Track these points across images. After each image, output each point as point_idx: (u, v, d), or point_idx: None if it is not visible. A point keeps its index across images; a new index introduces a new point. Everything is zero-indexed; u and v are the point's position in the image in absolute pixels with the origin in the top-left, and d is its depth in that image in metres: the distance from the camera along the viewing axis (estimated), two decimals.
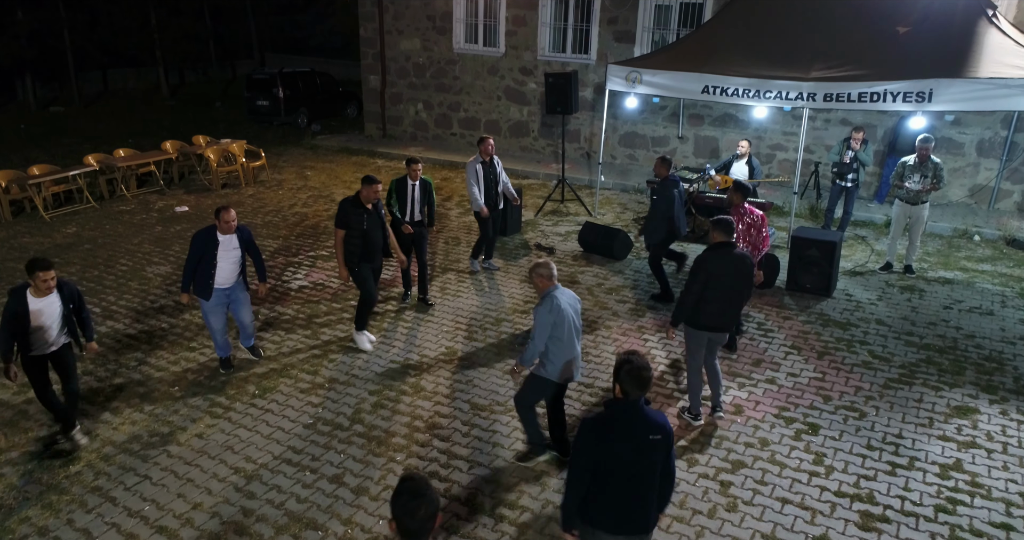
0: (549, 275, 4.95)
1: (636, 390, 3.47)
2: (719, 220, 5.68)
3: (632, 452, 3.47)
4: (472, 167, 8.59)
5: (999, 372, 6.75)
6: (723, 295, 5.60)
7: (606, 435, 3.46)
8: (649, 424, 3.49)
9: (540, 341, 4.92)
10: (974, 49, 8.43)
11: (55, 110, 22.97)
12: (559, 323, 4.89)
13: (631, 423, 3.48)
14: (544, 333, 4.89)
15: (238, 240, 6.43)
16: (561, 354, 4.99)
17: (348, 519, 4.85)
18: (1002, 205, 11.56)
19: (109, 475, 5.30)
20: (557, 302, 4.89)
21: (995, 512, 4.92)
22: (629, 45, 13.76)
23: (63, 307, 5.53)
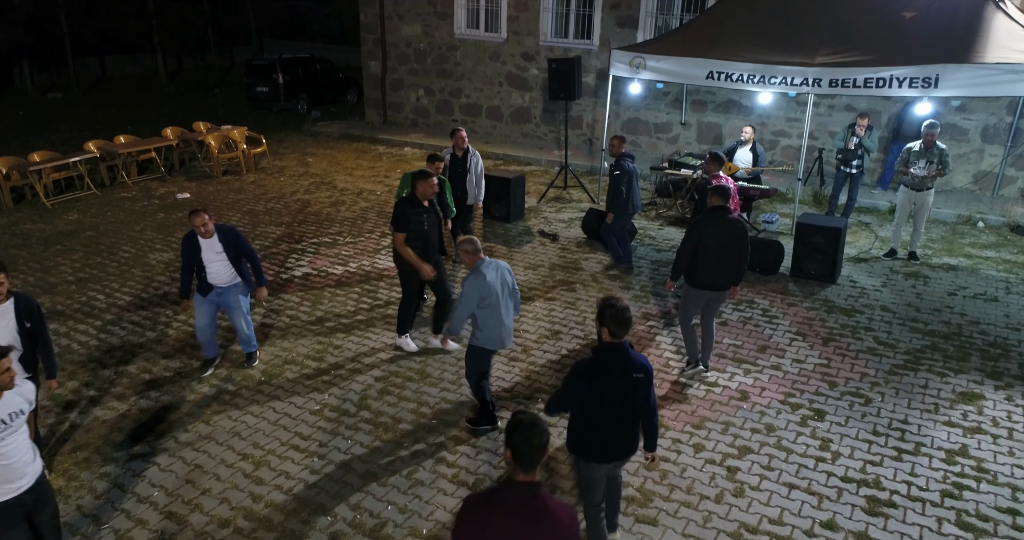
0: (475, 250, 5.24)
1: (620, 330, 3.86)
2: (717, 187, 6.19)
3: (619, 388, 3.89)
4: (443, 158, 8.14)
5: (1004, 358, 6.76)
6: (718, 255, 6.02)
7: (597, 374, 3.87)
8: (634, 364, 3.91)
9: (464, 312, 5.23)
10: (981, 34, 8.39)
11: (53, 97, 22.84)
12: (487, 295, 5.18)
13: (618, 362, 3.89)
14: (469, 305, 5.19)
15: (221, 244, 6.00)
16: (492, 323, 5.27)
17: (357, 504, 4.86)
18: (1006, 191, 11.53)
19: (117, 461, 5.31)
20: (483, 275, 5.18)
21: (1001, 497, 4.94)
22: (632, 30, 13.67)
23: (16, 324, 4.54)
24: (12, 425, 3.60)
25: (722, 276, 6.09)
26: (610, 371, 3.88)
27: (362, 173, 13.25)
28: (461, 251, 5.29)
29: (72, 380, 6.38)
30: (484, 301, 5.19)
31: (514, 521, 2.76)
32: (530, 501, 2.79)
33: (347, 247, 9.53)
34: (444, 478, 5.12)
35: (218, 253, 6.01)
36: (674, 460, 5.31)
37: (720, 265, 6.05)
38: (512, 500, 2.79)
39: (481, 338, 5.36)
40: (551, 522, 2.76)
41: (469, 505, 2.85)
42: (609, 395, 3.89)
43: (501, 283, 5.26)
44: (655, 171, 11.25)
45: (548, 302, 7.92)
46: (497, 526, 2.75)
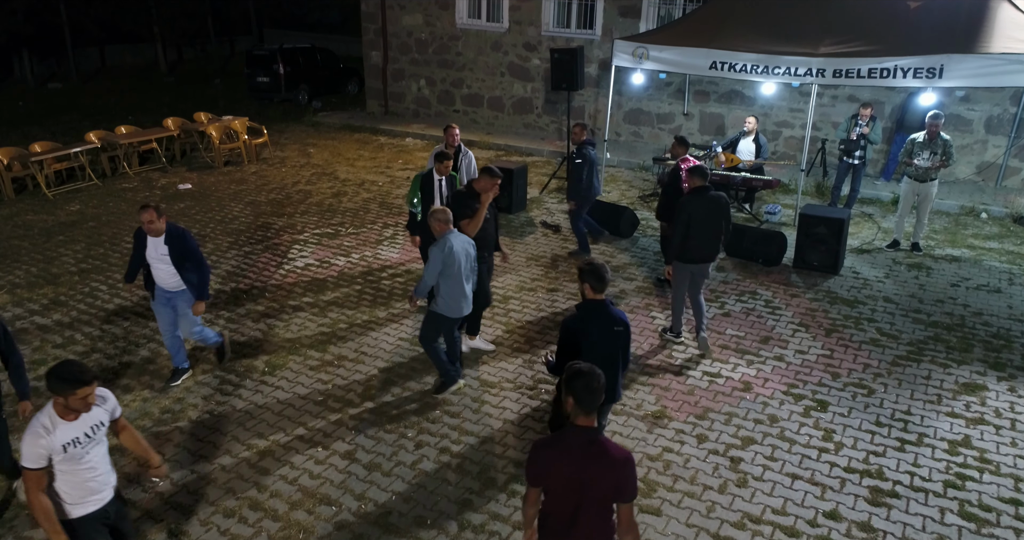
0: (446, 220, 5.54)
1: (599, 285, 4.28)
2: (695, 168, 6.61)
3: (601, 340, 4.28)
4: (431, 155, 7.49)
5: (1007, 349, 6.76)
6: (703, 231, 6.44)
7: (582, 328, 4.28)
8: (614, 318, 4.32)
9: (431, 277, 5.51)
10: (986, 24, 8.33)
11: (53, 87, 22.77)
12: (450, 263, 5.47)
13: (600, 316, 4.29)
14: (435, 270, 5.48)
15: (167, 247, 5.58)
16: (452, 291, 5.57)
17: (361, 494, 4.88)
18: (1010, 182, 11.51)
19: (121, 451, 5.32)
20: (450, 244, 5.45)
21: (1004, 487, 4.96)
22: (634, 20, 13.60)
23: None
24: (95, 437, 3.55)
25: (709, 249, 6.55)
26: (594, 324, 4.29)
27: (364, 164, 13.22)
28: (433, 220, 5.54)
29: None
30: (448, 270, 5.48)
31: (577, 462, 3.01)
32: (591, 444, 3.04)
33: (349, 238, 9.52)
34: (449, 468, 5.14)
35: (162, 255, 5.62)
36: (677, 450, 5.33)
37: (707, 240, 6.50)
38: (575, 442, 3.04)
39: (442, 306, 5.64)
40: (610, 464, 3.01)
41: (535, 449, 3.12)
42: (593, 346, 4.24)
43: (465, 255, 5.57)
44: (657, 162, 11.23)
45: (551, 293, 7.92)
46: (561, 466, 3.03)
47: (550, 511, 3.16)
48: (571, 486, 3.03)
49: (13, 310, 7.49)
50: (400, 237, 9.53)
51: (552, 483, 3.08)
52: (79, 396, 3.35)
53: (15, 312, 7.46)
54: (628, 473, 3.03)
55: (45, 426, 3.39)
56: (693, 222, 6.38)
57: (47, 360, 6.55)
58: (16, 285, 8.07)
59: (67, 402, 3.37)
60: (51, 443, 3.38)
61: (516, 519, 4.66)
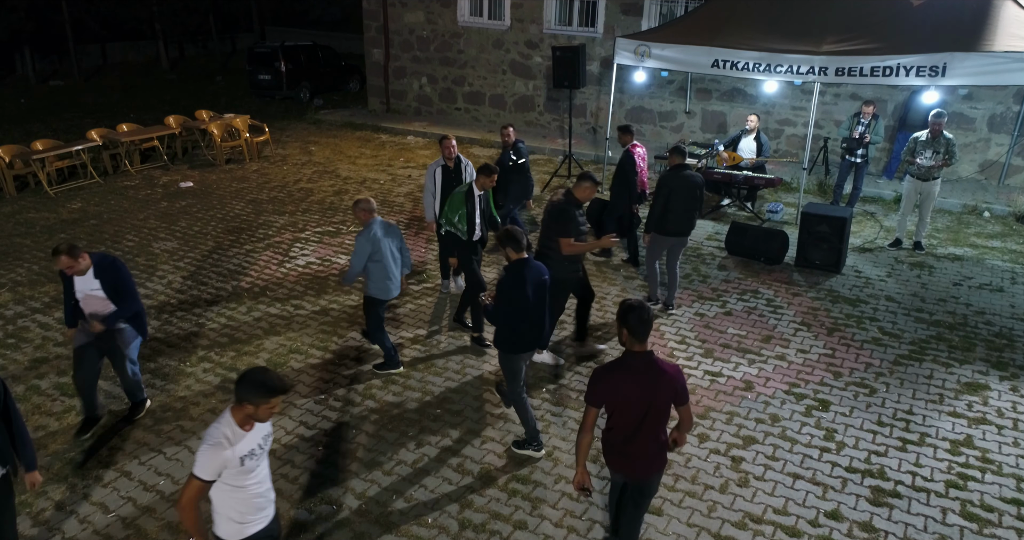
0: (370, 209, 5.87)
1: (518, 246, 4.92)
2: (676, 147, 7.21)
3: (534, 292, 4.91)
4: (430, 172, 7.31)
5: (1009, 348, 6.75)
6: (681, 205, 6.97)
7: (518, 284, 4.87)
8: (539, 270, 4.98)
9: (358, 263, 5.82)
10: (989, 22, 8.30)
11: (55, 84, 22.76)
12: (377, 249, 5.81)
13: (529, 272, 4.91)
14: (362, 256, 5.79)
15: (99, 281, 5.08)
16: (380, 274, 5.91)
17: (362, 493, 4.88)
18: (1013, 181, 11.47)
19: (123, 449, 5.33)
20: (375, 231, 5.80)
21: (1006, 487, 4.95)
22: (636, 18, 13.57)
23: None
24: (265, 449, 3.35)
25: (686, 223, 7.07)
26: (525, 279, 4.88)
27: (365, 162, 13.21)
28: (358, 209, 5.86)
29: None
30: (375, 255, 5.83)
31: (640, 380, 3.63)
32: (649, 365, 3.66)
33: (350, 236, 9.51)
34: (449, 467, 5.14)
35: (93, 290, 5.10)
36: (678, 450, 5.32)
37: (685, 214, 7.00)
38: (636, 366, 3.65)
39: (372, 288, 5.97)
40: (667, 377, 3.66)
41: (600, 373, 3.70)
42: (525, 299, 4.90)
43: (389, 239, 5.94)
44: (659, 160, 11.20)
45: None
46: (628, 385, 3.63)
47: (614, 426, 3.75)
48: (641, 400, 3.63)
49: (15, 308, 7.50)
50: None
51: (620, 401, 3.65)
52: (271, 405, 3.16)
53: (17, 310, 7.46)
54: (682, 381, 3.73)
55: (227, 437, 3.16)
56: (672, 196, 6.93)
57: (48, 358, 6.55)
58: (18, 283, 8.07)
59: (257, 412, 3.16)
60: (232, 455, 3.16)
61: (517, 518, 4.66)
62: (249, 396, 3.14)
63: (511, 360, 5.09)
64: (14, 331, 7.05)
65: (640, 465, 3.81)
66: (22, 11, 21.94)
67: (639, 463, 3.80)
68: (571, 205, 5.96)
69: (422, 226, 9.71)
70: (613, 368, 3.69)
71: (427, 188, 7.44)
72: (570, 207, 5.94)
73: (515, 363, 5.09)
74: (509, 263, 4.97)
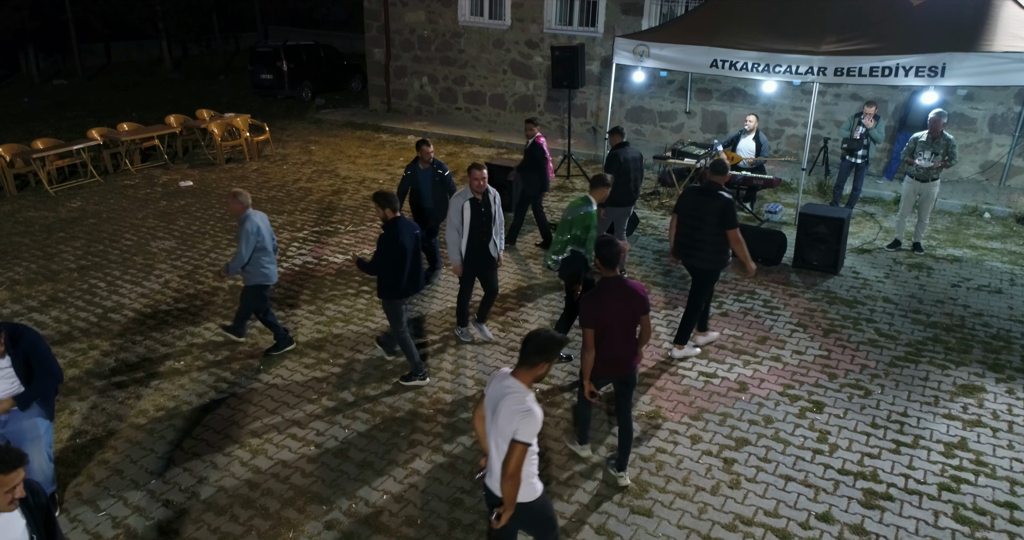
0: (246, 202, 6.12)
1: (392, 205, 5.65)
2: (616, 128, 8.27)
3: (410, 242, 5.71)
4: (456, 207, 6.33)
5: (1006, 351, 6.71)
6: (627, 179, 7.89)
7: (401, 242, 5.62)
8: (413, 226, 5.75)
9: (246, 253, 6.05)
10: (989, 22, 8.26)
11: (58, 83, 22.82)
12: (260, 238, 6.11)
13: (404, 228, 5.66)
14: (249, 246, 6.04)
15: (10, 358, 4.21)
16: (264, 261, 6.20)
17: (352, 493, 4.87)
18: (1013, 182, 11.42)
19: (116, 448, 5.34)
20: (254, 221, 6.09)
21: (999, 491, 4.92)
22: (637, 17, 13.54)
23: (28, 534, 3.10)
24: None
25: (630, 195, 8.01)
26: (401, 233, 5.58)
27: (365, 161, 13.21)
28: (235, 202, 6.05)
29: (72, 368, 6.40)
30: (259, 243, 6.12)
31: (618, 295, 4.62)
32: (621, 283, 4.67)
33: (348, 236, 9.52)
34: (441, 467, 5.13)
35: (3, 370, 4.24)
36: (671, 451, 5.31)
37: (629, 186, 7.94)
38: (612, 286, 4.64)
39: (258, 276, 6.23)
40: (637, 293, 4.66)
41: (589, 300, 4.63)
42: (404, 250, 5.60)
43: (267, 228, 6.21)
44: (658, 160, 11.18)
45: (547, 291, 7.90)
46: (610, 301, 4.60)
47: (602, 336, 4.61)
48: (621, 314, 4.61)
49: (11, 306, 7.52)
50: None
51: (607, 317, 4.57)
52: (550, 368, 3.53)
53: (13, 308, 7.48)
54: (645, 296, 4.70)
55: (533, 400, 3.37)
56: (621, 171, 7.69)
57: None
58: (15, 281, 8.10)
59: (545, 371, 3.48)
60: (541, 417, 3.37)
61: None
62: (547, 357, 3.42)
63: (395, 305, 5.88)
64: None
65: (625, 364, 4.78)
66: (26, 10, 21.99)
67: (623, 363, 4.77)
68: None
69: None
70: (597, 292, 4.65)
71: (451, 223, 6.36)
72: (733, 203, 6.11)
73: (397, 307, 5.90)
74: (387, 221, 5.66)
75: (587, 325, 4.59)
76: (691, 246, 6.22)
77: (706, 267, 6.22)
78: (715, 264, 6.20)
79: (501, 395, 3.39)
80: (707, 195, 6.07)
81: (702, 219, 6.08)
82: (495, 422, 3.38)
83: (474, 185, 6.22)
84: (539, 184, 8.90)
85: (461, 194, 6.33)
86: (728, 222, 5.98)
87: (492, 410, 3.43)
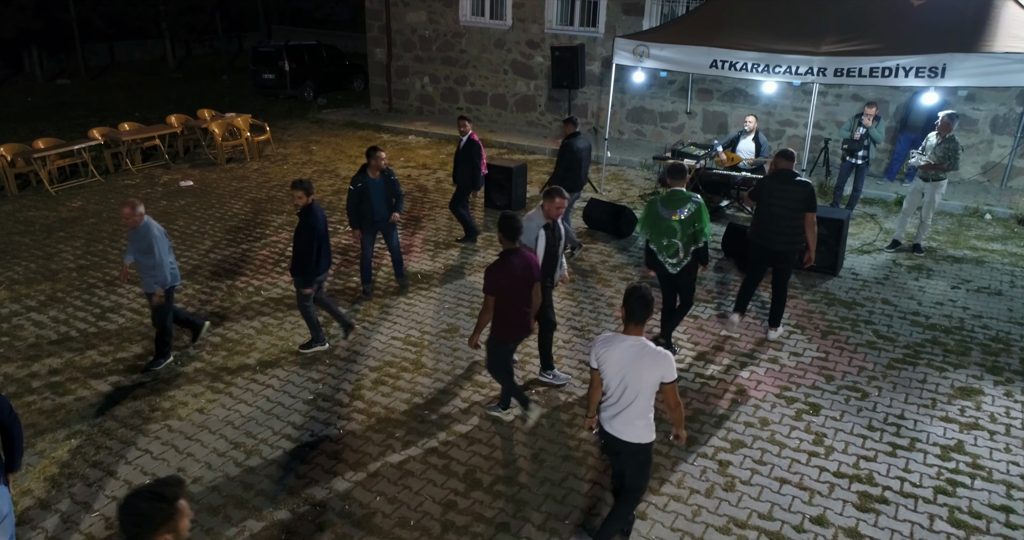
0: (142, 213, 6.14)
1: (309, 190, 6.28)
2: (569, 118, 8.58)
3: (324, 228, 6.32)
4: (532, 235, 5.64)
5: (1005, 353, 6.68)
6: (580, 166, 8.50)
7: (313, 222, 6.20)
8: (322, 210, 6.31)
9: (165, 258, 6.15)
10: (990, 23, 8.23)
11: (61, 83, 22.90)
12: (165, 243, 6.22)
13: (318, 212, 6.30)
14: (166, 251, 6.17)
15: None
16: (171, 264, 6.27)
17: (346, 494, 4.87)
18: (1015, 183, 11.37)
19: (110, 449, 5.34)
20: (158, 227, 6.20)
21: (995, 494, 4.89)
22: (638, 18, 13.53)
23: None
24: None
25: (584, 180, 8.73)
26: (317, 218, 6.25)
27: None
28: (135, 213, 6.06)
29: (69, 367, 6.42)
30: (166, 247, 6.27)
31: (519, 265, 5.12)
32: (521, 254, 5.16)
33: (347, 236, 9.52)
34: (434, 469, 5.12)
35: None
36: (665, 453, 5.29)
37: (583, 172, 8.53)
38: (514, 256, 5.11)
39: (161, 278, 6.17)
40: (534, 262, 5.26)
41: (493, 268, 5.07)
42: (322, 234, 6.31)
43: (164, 233, 6.30)
44: (658, 161, 11.16)
45: None
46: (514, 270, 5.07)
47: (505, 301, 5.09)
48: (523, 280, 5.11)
49: (10, 306, 7.54)
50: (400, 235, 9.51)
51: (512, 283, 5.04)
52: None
53: (12, 308, 7.50)
54: (539, 264, 5.27)
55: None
56: (574, 160, 8.25)
57: (41, 356, 6.58)
58: (15, 281, 8.12)
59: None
60: None
61: (500, 520, 4.64)
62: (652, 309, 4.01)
63: (309, 283, 6.32)
64: (8, 329, 7.08)
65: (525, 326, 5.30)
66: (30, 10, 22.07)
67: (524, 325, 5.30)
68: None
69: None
70: (501, 263, 5.06)
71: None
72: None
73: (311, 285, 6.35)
74: (304, 210, 6.20)
75: (490, 291, 5.02)
76: (774, 231, 6.50)
77: (787, 250, 6.54)
78: (796, 246, 6.53)
79: (633, 353, 3.92)
80: (790, 181, 6.40)
81: (785, 205, 6.39)
82: (638, 376, 3.90)
83: (553, 213, 5.66)
84: (471, 180, 8.96)
85: (534, 219, 5.67)
86: (812, 206, 6.36)
87: (627, 367, 3.92)
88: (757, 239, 6.67)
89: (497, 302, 5.07)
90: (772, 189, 6.48)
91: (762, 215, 6.57)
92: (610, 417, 4.07)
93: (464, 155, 8.95)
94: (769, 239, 6.55)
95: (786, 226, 6.44)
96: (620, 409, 4.00)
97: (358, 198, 7.33)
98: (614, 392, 4.01)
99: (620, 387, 3.98)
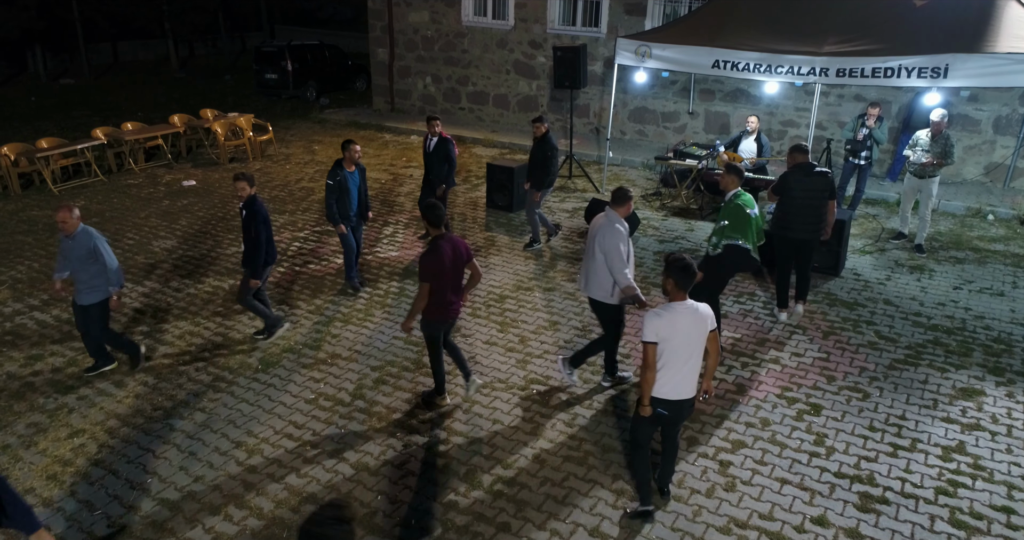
0: (79, 217, 6.06)
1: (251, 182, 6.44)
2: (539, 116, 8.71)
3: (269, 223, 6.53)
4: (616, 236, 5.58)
5: (1007, 354, 6.67)
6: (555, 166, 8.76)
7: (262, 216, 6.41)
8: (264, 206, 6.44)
9: (113, 262, 6.05)
10: (992, 23, 8.22)
11: (65, 82, 22.93)
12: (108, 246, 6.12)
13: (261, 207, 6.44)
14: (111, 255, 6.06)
15: None
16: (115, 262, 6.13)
17: (347, 493, 4.88)
18: (1017, 184, 11.35)
19: (112, 448, 5.36)
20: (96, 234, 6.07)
21: (996, 495, 4.89)
22: (640, 18, 13.52)
23: None
24: None
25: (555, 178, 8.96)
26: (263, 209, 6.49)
27: (367, 161, 13.22)
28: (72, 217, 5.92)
29: (71, 366, 6.44)
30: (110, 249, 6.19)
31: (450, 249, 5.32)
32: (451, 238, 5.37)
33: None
34: (435, 468, 5.13)
35: None
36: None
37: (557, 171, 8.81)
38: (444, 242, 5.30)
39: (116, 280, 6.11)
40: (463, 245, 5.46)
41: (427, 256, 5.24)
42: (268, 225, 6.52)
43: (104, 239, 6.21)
44: (660, 161, 11.15)
45: (547, 292, 7.89)
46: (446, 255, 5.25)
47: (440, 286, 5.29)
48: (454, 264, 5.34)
49: (13, 305, 7.56)
50: (400, 236, 9.53)
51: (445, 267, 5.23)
52: None
53: (15, 307, 7.52)
54: (468, 246, 5.44)
55: None
56: (554, 156, 8.59)
57: (44, 356, 6.60)
58: (18, 280, 8.14)
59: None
60: None
61: (501, 520, 4.65)
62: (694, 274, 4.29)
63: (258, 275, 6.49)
64: (12, 328, 7.11)
65: (455, 308, 5.52)
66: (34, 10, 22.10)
67: (455, 307, 5.50)
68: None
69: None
70: (434, 250, 5.21)
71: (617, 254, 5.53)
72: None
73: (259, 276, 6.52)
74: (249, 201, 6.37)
75: (427, 279, 5.20)
76: (800, 221, 6.91)
77: (811, 237, 6.98)
78: (819, 234, 7.00)
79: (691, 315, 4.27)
80: (811, 173, 6.87)
81: (811, 195, 6.84)
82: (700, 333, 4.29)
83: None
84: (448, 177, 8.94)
85: (611, 218, 5.61)
86: (835, 193, 7.02)
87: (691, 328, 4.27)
88: (782, 232, 7.03)
89: (432, 287, 5.27)
90: (796, 182, 6.86)
91: (787, 208, 6.95)
92: (675, 384, 4.34)
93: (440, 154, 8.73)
94: (795, 230, 6.95)
95: (811, 215, 6.88)
96: (685, 371, 4.32)
97: (338, 192, 7.36)
98: (680, 356, 4.28)
99: (687, 351, 4.28)
